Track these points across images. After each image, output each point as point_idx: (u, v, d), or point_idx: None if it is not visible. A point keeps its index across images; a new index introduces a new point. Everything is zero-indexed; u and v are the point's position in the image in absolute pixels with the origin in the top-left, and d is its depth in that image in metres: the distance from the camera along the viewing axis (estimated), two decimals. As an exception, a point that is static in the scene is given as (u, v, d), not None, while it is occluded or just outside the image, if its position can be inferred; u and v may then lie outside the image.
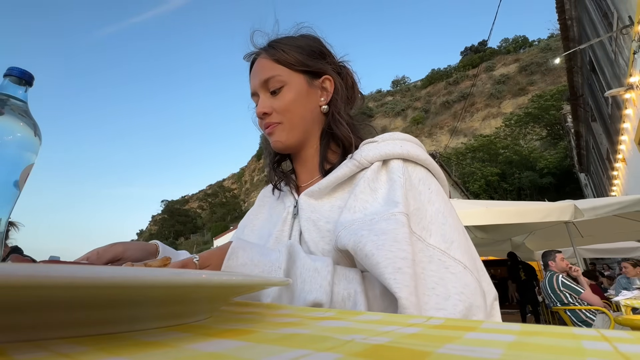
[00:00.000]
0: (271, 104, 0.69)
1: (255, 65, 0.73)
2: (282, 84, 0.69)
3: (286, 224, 0.67)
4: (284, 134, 0.69)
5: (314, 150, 0.72)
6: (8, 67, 0.44)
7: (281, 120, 0.68)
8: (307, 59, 0.71)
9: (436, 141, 55.85)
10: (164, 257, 0.75)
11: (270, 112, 0.69)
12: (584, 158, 15.06)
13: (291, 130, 0.69)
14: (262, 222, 0.78)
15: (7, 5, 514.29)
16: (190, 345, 0.18)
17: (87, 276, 0.16)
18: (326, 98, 0.72)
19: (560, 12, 8.37)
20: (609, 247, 7.84)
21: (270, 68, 0.70)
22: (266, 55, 0.71)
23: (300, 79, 0.70)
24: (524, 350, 0.16)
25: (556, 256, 3.83)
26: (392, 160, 0.59)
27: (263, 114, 0.69)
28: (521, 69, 61.02)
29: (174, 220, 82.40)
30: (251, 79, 0.74)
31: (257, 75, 0.71)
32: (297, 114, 0.69)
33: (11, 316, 0.17)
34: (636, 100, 5.63)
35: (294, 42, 0.73)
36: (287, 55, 0.70)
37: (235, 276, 0.27)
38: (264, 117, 0.69)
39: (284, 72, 0.69)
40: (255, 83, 0.71)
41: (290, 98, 0.68)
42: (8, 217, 0.42)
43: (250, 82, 0.74)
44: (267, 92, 0.70)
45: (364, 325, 0.24)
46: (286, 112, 0.68)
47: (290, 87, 0.69)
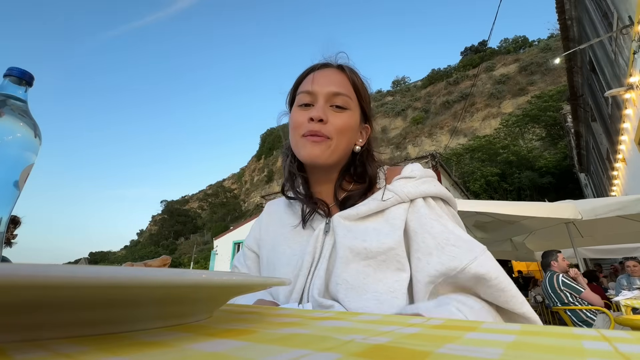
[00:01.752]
0: (329, 116, 0.68)
1: (328, 71, 0.72)
2: (348, 106, 0.69)
3: (318, 241, 0.68)
4: (328, 151, 0.67)
5: (334, 177, 0.73)
6: (8, 67, 0.44)
7: (331, 137, 0.67)
8: (368, 99, 0.74)
9: (436, 141, 55.84)
10: (164, 257, 0.74)
11: (326, 122, 0.67)
12: (584, 158, 15.05)
13: (334, 152, 0.68)
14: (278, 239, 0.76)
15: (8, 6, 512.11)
16: (190, 345, 0.18)
17: (87, 276, 0.16)
18: (363, 141, 0.74)
19: (560, 12, 8.37)
20: (609, 248, 7.84)
21: (345, 85, 0.70)
22: (345, 72, 0.72)
23: (358, 112, 0.72)
24: (524, 350, 0.16)
25: (558, 256, 3.83)
26: (428, 198, 0.67)
27: (320, 119, 0.67)
28: (521, 69, 60.99)
29: (174, 220, 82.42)
30: (316, 79, 0.71)
31: (329, 82, 0.70)
32: (345, 141, 0.69)
33: (11, 316, 0.17)
34: (636, 100, 5.63)
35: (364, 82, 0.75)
36: (365, 92, 0.73)
37: (236, 276, 0.26)
38: (318, 122, 0.67)
39: (354, 98, 0.71)
40: (321, 86, 0.69)
41: (349, 122, 0.69)
42: (8, 217, 0.42)
43: (315, 81, 0.70)
44: (328, 103, 0.69)
45: (364, 325, 0.24)
46: (340, 133, 0.68)
47: (352, 114, 0.70)
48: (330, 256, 0.65)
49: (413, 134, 61.62)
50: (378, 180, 0.72)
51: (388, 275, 0.60)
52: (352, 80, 0.71)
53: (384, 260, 0.60)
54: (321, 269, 0.63)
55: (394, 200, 0.66)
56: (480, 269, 0.57)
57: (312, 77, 0.71)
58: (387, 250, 0.60)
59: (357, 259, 0.61)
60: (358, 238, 0.63)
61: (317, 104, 0.68)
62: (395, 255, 0.61)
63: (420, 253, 0.61)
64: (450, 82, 70.72)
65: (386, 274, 0.60)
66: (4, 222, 0.41)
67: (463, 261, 0.58)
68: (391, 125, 69.14)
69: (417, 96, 75.23)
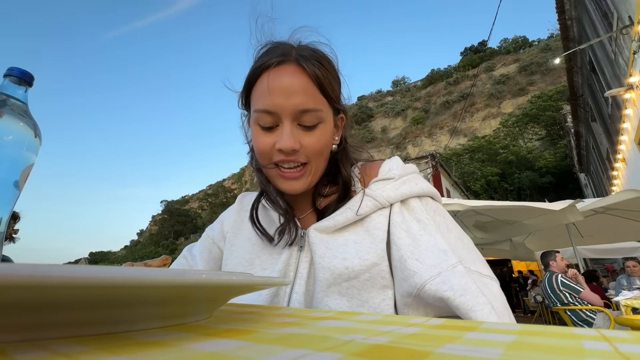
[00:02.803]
0: (300, 139, 0.56)
1: (286, 71, 0.56)
2: (320, 120, 0.57)
3: (292, 257, 0.61)
4: (309, 178, 0.59)
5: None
6: (8, 67, 0.44)
7: (309, 161, 0.58)
8: (339, 90, 0.63)
9: (436, 141, 55.81)
10: (164, 257, 0.74)
11: (299, 148, 0.57)
12: (584, 158, 15.06)
13: (316, 174, 0.60)
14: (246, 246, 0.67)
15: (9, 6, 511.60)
16: (190, 345, 0.18)
17: (87, 276, 0.16)
18: (339, 136, 0.65)
19: (560, 13, 8.37)
20: (609, 247, 7.84)
21: (312, 96, 0.56)
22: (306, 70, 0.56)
23: (331, 115, 0.61)
24: (524, 350, 0.16)
25: (556, 256, 3.84)
26: (409, 199, 0.60)
27: (292, 150, 0.56)
28: (521, 69, 60.98)
29: (174, 220, 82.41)
30: (274, 89, 0.55)
31: (290, 92, 0.55)
32: (324, 158, 0.60)
33: (11, 316, 0.17)
34: (636, 100, 5.63)
35: (330, 65, 0.61)
36: (332, 85, 0.59)
37: (236, 276, 0.26)
38: (291, 154, 0.56)
39: (325, 107, 0.58)
40: (285, 104, 0.55)
41: (325, 139, 0.58)
42: (8, 217, 0.42)
43: (272, 93, 0.55)
44: (295, 122, 0.56)
45: (364, 325, 0.24)
46: (317, 155, 0.58)
47: (325, 126, 0.59)
48: (309, 277, 0.59)
49: (413, 134, 61.60)
50: (353, 182, 0.64)
51: (373, 295, 0.55)
52: (315, 76, 0.56)
53: (367, 279, 0.55)
54: (299, 292, 0.58)
55: (373, 207, 0.59)
56: (442, 286, 0.49)
57: (268, 86, 0.56)
58: (370, 267, 0.55)
59: (339, 281, 0.55)
60: (338, 257, 0.56)
61: (283, 127, 0.56)
62: (379, 272, 0.55)
63: (394, 268, 0.56)
64: (450, 82, 70.72)
65: (371, 294, 0.55)
66: (4, 222, 0.41)
67: (423, 277, 0.51)
68: (391, 125, 69.12)
69: (417, 96, 75.23)
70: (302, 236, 0.62)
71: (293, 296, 0.58)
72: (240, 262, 0.65)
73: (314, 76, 0.57)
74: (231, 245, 0.69)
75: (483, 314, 0.47)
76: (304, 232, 0.62)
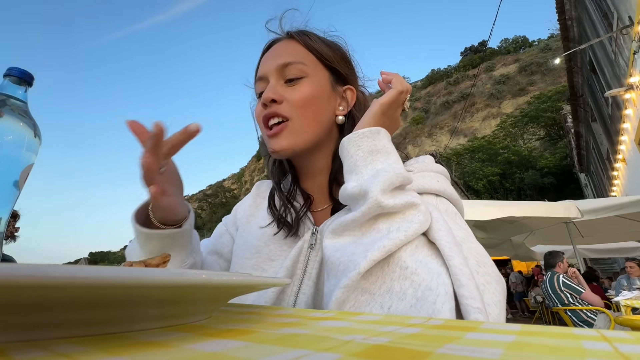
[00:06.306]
0: (283, 93, 0.56)
1: (276, 46, 0.61)
2: (303, 74, 0.57)
3: (301, 255, 0.57)
4: (292, 136, 0.56)
5: (325, 166, 0.61)
6: (8, 67, 0.44)
7: (291, 116, 0.56)
8: (338, 58, 0.62)
9: (436, 141, 55.84)
10: (164, 255, 0.74)
11: (281, 101, 0.56)
12: (584, 158, 15.05)
13: (302, 131, 0.56)
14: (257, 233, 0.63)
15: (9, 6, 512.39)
16: (190, 345, 0.18)
17: (87, 276, 0.16)
18: (345, 108, 0.62)
19: (560, 13, 8.38)
20: (609, 247, 7.84)
21: (294, 52, 0.59)
22: (294, 38, 0.61)
23: (324, 76, 0.60)
24: (524, 351, 0.16)
25: (563, 258, 3.84)
26: (425, 195, 0.53)
27: (271, 100, 0.56)
28: (521, 69, 61.01)
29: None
30: (264, 61, 0.61)
31: (274, 57, 0.59)
32: (313, 113, 0.57)
33: (11, 316, 0.17)
34: (636, 101, 5.63)
35: (326, 39, 0.63)
36: (323, 46, 0.60)
37: (236, 276, 0.27)
38: (270, 104, 0.56)
39: (310, 62, 0.59)
40: (268, 65, 0.59)
41: (309, 92, 0.56)
42: (8, 217, 0.42)
43: (261, 65, 0.61)
44: (280, 80, 0.58)
45: (364, 326, 0.24)
46: (300, 108, 0.56)
47: (311, 81, 0.58)
48: (318, 277, 0.55)
49: (413, 134, 61.62)
50: None
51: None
52: (305, 43, 0.59)
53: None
54: (307, 293, 0.54)
55: None
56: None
57: (262, 61, 0.62)
58: None
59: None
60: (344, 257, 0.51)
61: (269, 85, 0.58)
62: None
63: None
64: (450, 82, 70.75)
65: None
66: (4, 222, 0.41)
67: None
68: (391, 125, 68.98)
69: (417, 96, 75.20)
70: (314, 233, 0.58)
71: (300, 297, 0.55)
72: (248, 249, 0.62)
73: (302, 41, 0.60)
74: (242, 231, 0.67)
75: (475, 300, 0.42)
76: (317, 229, 0.58)
